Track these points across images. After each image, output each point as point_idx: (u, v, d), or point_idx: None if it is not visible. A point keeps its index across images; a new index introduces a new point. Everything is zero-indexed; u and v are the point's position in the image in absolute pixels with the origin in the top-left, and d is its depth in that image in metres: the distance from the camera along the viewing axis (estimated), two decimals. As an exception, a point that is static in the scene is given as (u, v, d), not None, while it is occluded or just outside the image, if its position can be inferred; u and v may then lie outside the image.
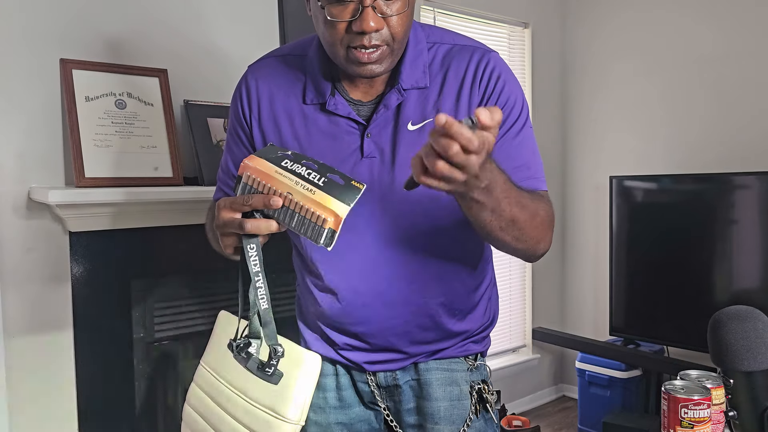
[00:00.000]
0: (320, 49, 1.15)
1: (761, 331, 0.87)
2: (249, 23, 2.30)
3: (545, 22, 3.69)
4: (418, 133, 1.11)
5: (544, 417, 3.56)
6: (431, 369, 1.24)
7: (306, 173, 0.93)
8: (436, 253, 1.17)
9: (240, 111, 1.21)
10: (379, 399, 1.25)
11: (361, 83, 1.14)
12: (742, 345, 0.87)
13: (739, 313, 0.90)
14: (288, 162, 0.95)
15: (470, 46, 1.16)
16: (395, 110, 1.12)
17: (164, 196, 1.96)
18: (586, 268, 3.73)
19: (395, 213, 1.12)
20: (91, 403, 1.96)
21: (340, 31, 1.02)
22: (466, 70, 1.13)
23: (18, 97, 1.85)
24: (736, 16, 3.08)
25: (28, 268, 1.88)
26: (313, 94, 1.15)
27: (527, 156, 1.14)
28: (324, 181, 0.92)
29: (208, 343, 1.48)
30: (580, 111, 3.68)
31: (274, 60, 1.22)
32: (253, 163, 0.96)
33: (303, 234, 0.92)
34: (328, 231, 0.90)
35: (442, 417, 1.22)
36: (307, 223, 0.91)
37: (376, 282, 1.15)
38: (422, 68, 1.13)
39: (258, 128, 1.19)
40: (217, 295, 2.17)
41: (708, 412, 0.94)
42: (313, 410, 1.26)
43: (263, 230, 0.96)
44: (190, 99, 2.14)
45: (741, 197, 2.89)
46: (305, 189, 0.91)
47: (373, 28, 1.00)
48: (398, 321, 1.18)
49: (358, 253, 1.14)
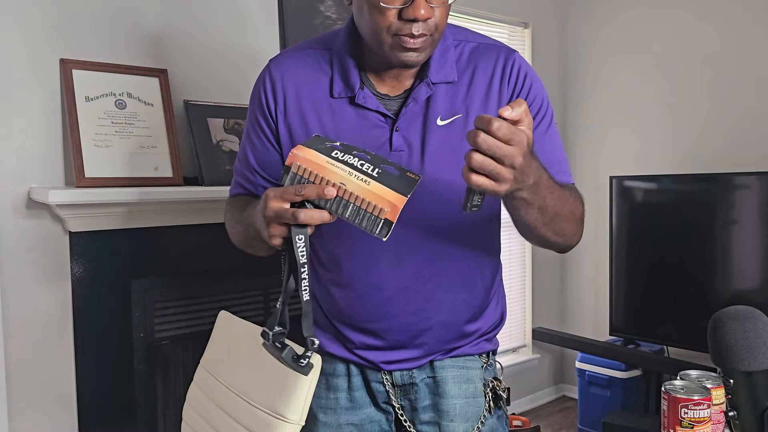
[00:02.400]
0: (349, 42, 1.16)
1: (761, 331, 0.87)
2: (249, 23, 2.30)
3: (545, 22, 3.69)
4: (447, 128, 1.13)
5: (544, 417, 3.56)
6: (447, 366, 1.25)
7: (359, 164, 0.91)
8: (460, 248, 1.19)
9: (264, 104, 1.20)
10: (394, 398, 1.25)
11: (389, 78, 1.15)
12: (742, 345, 0.87)
13: (739, 313, 0.90)
14: (338, 153, 0.93)
15: (496, 45, 1.19)
16: (424, 104, 1.14)
17: (164, 196, 1.96)
18: (586, 268, 3.73)
19: (423, 208, 1.13)
20: (91, 403, 1.96)
21: (389, 17, 1.03)
22: (494, 69, 1.16)
23: (18, 97, 1.85)
24: (736, 17, 3.08)
25: (28, 268, 1.88)
26: (340, 87, 1.15)
27: (557, 151, 1.18)
28: (378, 172, 0.90)
29: (208, 344, 1.48)
30: (580, 111, 3.68)
31: (297, 53, 1.21)
32: (302, 153, 0.93)
33: (358, 225, 0.90)
34: (385, 221, 0.88)
35: (457, 414, 1.24)
36: (363, 213, 0.90)
37: (401, 277, 1.16)
38: (450, 63, 1.15)
39: (284, 121, 1.18)
40: (217, 295, 2.17)
41: (708, 412, 0.93)
42: (323, 411, 1.27)
43: (316, 220, 0.92)
44: (190, 99, 2.14)
45: (741, 197, 2.89)
46: (359, 180, 0.90)
47: (424, 16, 1.02)
48: (420, 317, 1.19)
49: (385, 248, 1.14)
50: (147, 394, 2.05)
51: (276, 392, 1.18)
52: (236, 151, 2.15)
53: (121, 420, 2.01)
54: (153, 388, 2.08)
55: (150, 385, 2.06)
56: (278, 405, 1.16)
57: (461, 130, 1.13)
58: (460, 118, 1.14)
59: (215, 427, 1.33)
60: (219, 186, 2.05)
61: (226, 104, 2.20)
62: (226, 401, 1.31)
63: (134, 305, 2.01)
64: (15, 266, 1.86)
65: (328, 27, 2.13)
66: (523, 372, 3.65)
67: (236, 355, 1.35)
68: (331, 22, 2.16)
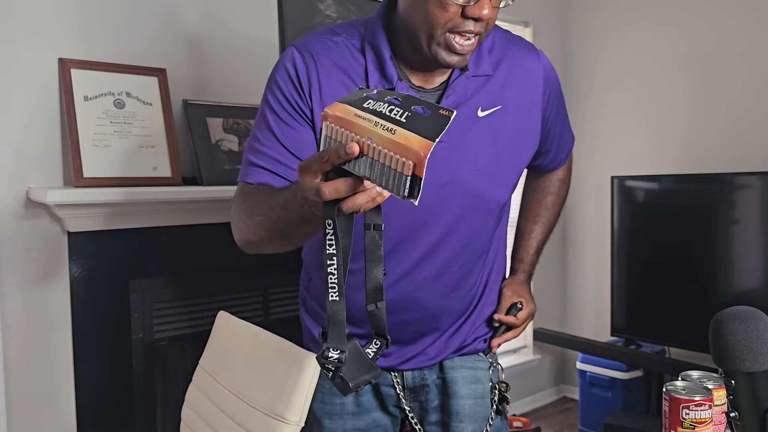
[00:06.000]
0: (385, 34, 1.13)
1: (763, 331, 0.87)
2: (248, 22, 2.30)
3: (546, 21, 3.69)
4: (488, 119, 1.15)
5: (545, 418, 3.55)
6: (456, 367, 1.28)
7: (387, 110, 0.74)
8: (486, 237, 1.23)
9: (297, 84, 1.11)
10: (404, 401, 1.26)
11: (422, 72, 1.15)
12: (743, 345, 0.86)
13: (740, 314, 0.89)
14: (371, 102, 0.77)
15: (520, 39, 1.25)
16: (463, 96, 1.14)
17: (163, 196, 1.95)
18: (587, 269, 3.73)
19: (462, 200, 1.16)
20: (89, 404, 1.95)
21: (451, 14, 1.02)
22: (526, 63, 1.20)
23: (16, 97, 1.85)
24: (737, 16, 3.08)
25: (26, 269, 1.87)
26: (377, 79, 1.12)
27: (568, 124, 1.40)
28: (407, 116, 0.73)
29: (207, 345, 1.48)
30: (580, 111, 3.67)
31: (326, 40, 1.15)
32: (332, 110, 0.78)
33: (386, 187, 0.73)
34: (413, 178, 0.70)
35: (467, 415, 1.26)
36: (388, 171, 0.72)
37: (434, 265, 1.18)
38: (485, 56, 1.17)
39: (319, 104, 1.11)
40: (216, 296, 2.16)
41: (709, 413, 0.93)
42: (328, 417, 1.26)
43: (343, 192, 0.75)
44: (189, 99, 2.14)
45: (742, 197, 2.88)
46: (385, 129, 0.73)
47: (487, 16, 1.02)
48: (446, 305, 1.22)
49: (419, 237, 1.16)
50: (146, 394, 2.05)
51: (275, 393, 1.18)
52: (236, 151, 2.15)
53: (119, 421, 2.00)
54: (152, 388, 2.07)
55: (149, 386, 2.06)
56: (277, 406, 1.16)
57: (500, 121, 1.16)
58: (500, 109, 1.16)
59: (214, 428, 1.32)
60: (218, 186, 2.04)
61: (225, 104, 2.20)
62: (225, 402, 1.31)
63: (133, 305, 2.01)
64: (13, 266, 1.85)
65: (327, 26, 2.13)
66: (523, 373, 3.64)
67: (235, 356, 1.35)
68: (331, 21, 2.15)
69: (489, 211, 1.20)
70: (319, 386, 1.25)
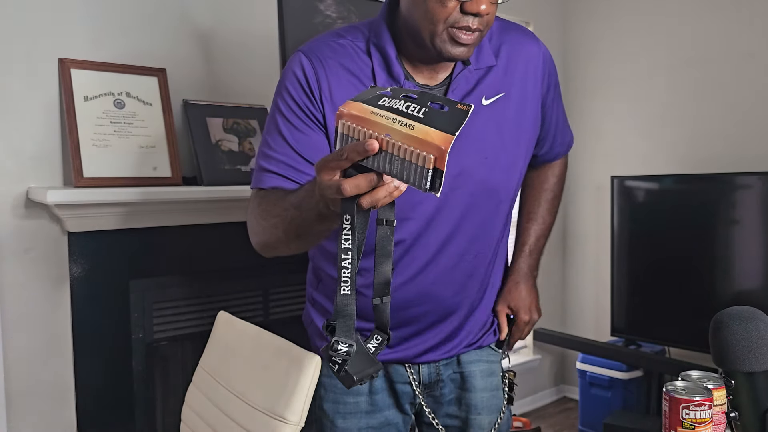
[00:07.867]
0: (389, 33, 1.15)
1: (763, 331, 0.87)
2: (248, 22, 2.30)
3: (546, 20, 3.68)
4: (492, 106, 1.18)
5: (545, 418, 3.55)
6: (473, 361, 1.31)
7: (404, 107, 0.77)
8: (497, 226, 1.26)
9: (307, 88, 1.13)
10: (420, 396, 1.29)
11: (426, 69, 1.16)
12: (743, 345, 0.86)
13: (740, 314, 0.89)
14: (386, 99, 0.79)
15: (518, 26, 1.27)
16: (467, 88, 1.17)
17: (163, 196, 1.95)
18: (587, 269, 3.72)
19: (472, 189, 1.18)
20: (89, 404, 1.95)
21: (450, 9, 1.04)
22: (525, 47, 1.23)
23: (16, 97, 1.85)
24: (738, 16, 3.07)
25: (26, 269, 1.87)
26: (384, 78, 1.15)
27: (566, 119, 1.42)
28: (425, 112, 0.76)
29: (207, 345, 1.48)
30: (580, 110, 3.67)
31: (332, 43, 1.17)
32: (348, 108, 0.81)
33: (407, 181, 0.75)
34: (434, 171, 0.73)
35: (484, 407, 1.30)
36: (409, 166, 0.74)
37: (450, 256, 1.20)
38: (486, 47, 1.19)
39: (330, 106, 1.12)
40: (216, 296, 2.16)
41: (709, 413, 0.93)
42: (342, 417, 1.28)
43: (364, 188, 0.77)
44: (189, 99, 2.14)
45: (742, 197, 2.88)
46: (404, 126, 0.75)
47: (485, 11, 1.04)
48: (463, 293, 1.25)
49: (434, 230, 1.17)
50: (146, 394, 2.05)
51: (275, 393, 1.18)
52: (236, 151, 2.15)
53: (119, 420, 2.00)
54: (152, 388, 2.07)
55: (149, 386, 2.06)
56: (277, 406, 1.16)
57: (504, 108, 1.19)
58: (503, 96, 1.19)
59: (214, 428, 1.32)
60: (218, 186, 2.04)
61: (225, 104, 2.20)
62: (225, 402, 1.31)
63: (133, 305, 2.01)
64: (13, 267, 1.85)
65: (328, 26, 2.12)
66: (523, 373, 3.64)
67: (235, 357, 1.35)
68: (331, 21, 2.15)
69: (498, 199, 1.23)
70: (331, 387, 1.27)
